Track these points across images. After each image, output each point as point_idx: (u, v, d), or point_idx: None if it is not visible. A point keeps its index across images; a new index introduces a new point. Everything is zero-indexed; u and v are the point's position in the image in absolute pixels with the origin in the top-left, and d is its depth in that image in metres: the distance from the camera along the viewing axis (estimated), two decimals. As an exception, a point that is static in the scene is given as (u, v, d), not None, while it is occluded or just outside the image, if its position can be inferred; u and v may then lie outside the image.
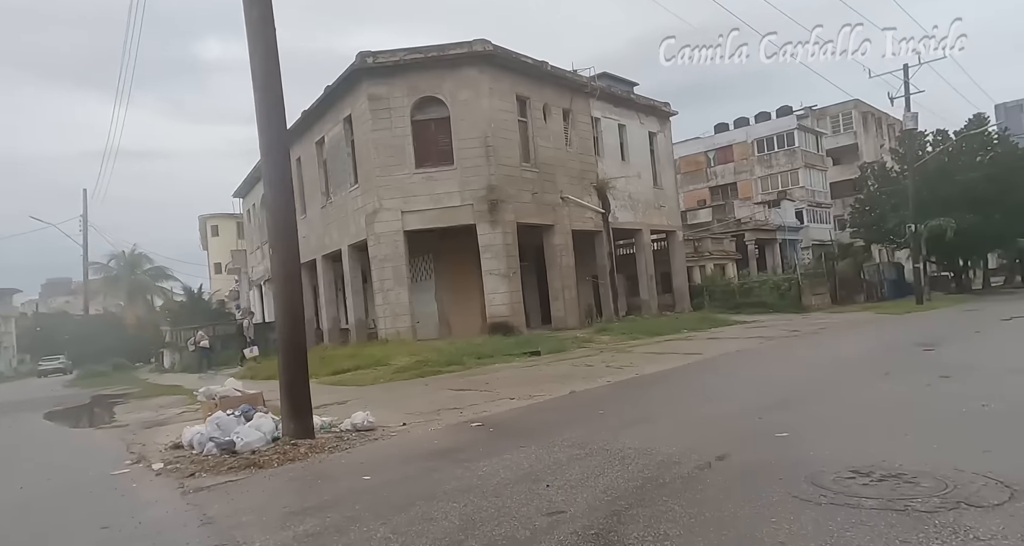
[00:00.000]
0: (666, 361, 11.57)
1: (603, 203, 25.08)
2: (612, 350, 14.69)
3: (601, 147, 25.66)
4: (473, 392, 9.24)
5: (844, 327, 16.96)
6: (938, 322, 16.10)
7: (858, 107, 45.22)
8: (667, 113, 29.15)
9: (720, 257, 33.39)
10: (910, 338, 12.07)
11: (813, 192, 42.91)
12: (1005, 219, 30.35)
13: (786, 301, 27.49)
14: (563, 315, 23.02)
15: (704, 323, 21.33)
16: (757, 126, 43.33)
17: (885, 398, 6.08)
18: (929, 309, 23.13)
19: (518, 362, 13.57)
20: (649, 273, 27.76)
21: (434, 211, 20.33)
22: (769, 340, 14.45)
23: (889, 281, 34.55)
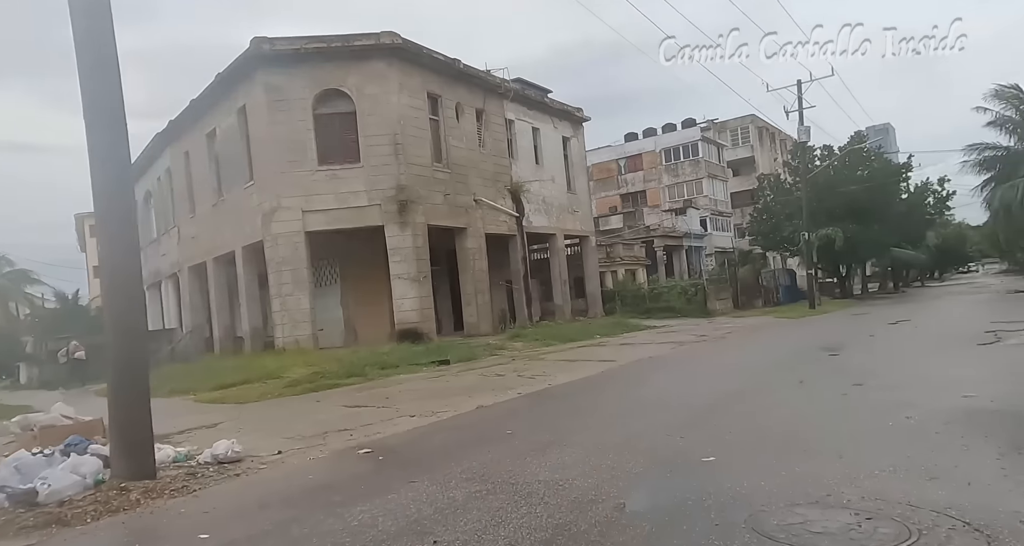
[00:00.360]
0: (579, 369, 11.02)
1: (517, 206, 24.54)
2: (525, 358, 14.04)
3: (515, 150, 25.14)
4: (370, 409, 8.23)
5: (749, 332, 17.21)
6: (833, 326, 16.62)
7: (754, 122, 47.59)
8: (580, 118, 29.12)
9: (631, 263, 33.81)
10: (813, 342, 12.18)
11: (716, 201, 44.61)
12: (882, 229, 32.63)
13: (693, 306, 28.08)
14: (476, 321, 22.22)
15: (617, 328, 21.20)
16: (664, 136, 44.59)
17: (806, 411, 5.69)
18: (821, 313, 24.23)
19: (425, 372, 12.62)
20: (563, 278, 27.51)
21: (339, 211, 18.97)
22: (680, 345, 14.31)
23: (784, 287, 36.31)
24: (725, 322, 22.83)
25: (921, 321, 15.44)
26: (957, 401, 5.38)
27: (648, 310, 28.29)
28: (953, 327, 13.20)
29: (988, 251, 72.58)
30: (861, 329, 14.59)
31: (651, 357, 12.25)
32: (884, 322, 15.83)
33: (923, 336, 11.85)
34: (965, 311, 18.30)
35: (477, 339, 19.63)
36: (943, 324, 14.35)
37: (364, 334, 21.22)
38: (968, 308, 19.71)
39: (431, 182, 20.48)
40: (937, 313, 18.37)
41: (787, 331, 16.56)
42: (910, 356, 8.95)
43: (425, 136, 20.42)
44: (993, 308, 18.71)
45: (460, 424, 6.78)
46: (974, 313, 16.72)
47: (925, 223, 35.02)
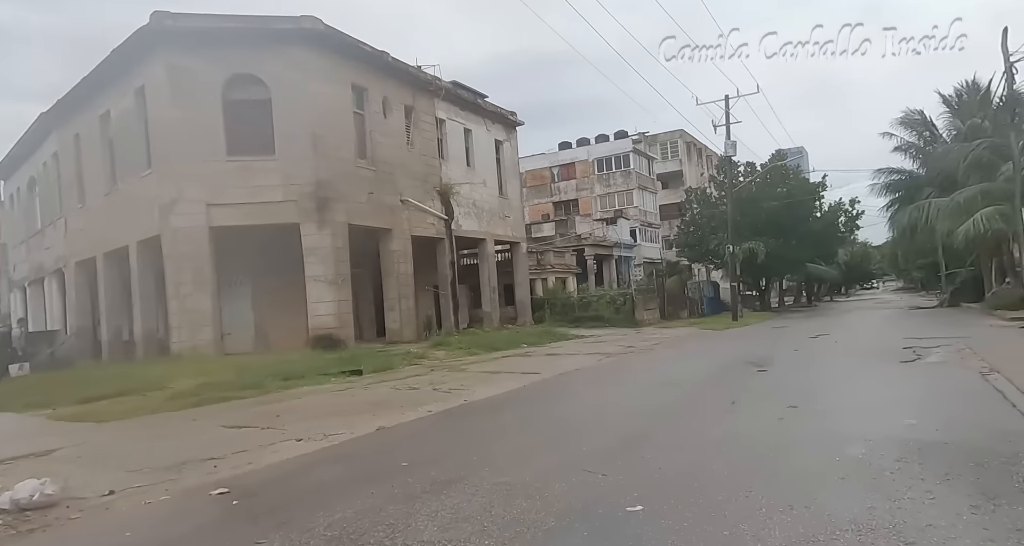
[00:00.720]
0: (500, 382, 10.14)
1: (446, 209, 23.54)
2: (445, 368, 13.04)
3: (445, 150, 24.16)
4: (254, 430, 7.02)
5: (675, 343, 16.90)
6: (757, 339, 16.54)
7: (683, 137, 48.63)
8: (514, 122, 28.48)
9: (562, 270, 33.42)
10: (740, 356, 11.84)
11: (645, 212, 45.13)
12: (799, 245, 33.76)
13: (621, 316, 27.89)
14: (399, 327, 21.03)
15: (544, 337, 20.53)
16: (597, 146, 44.78)
17: (743, 440, 5.02)
18: (743, 325, 24.51)
19: (334, 383, 11.39)
20: (492, 284, 26.67)
21: (250, 206, 17.38)
22: (607, 357, 13.71)
23: (708, 298, 36.95)
24: (652, 332, 22.63)
25: (839, 335, 15.54)
26: (901, 430, 4.86)
27: (577, 319, 27.90)
28: (871, 342, 13.23)
29: (887, 269, 77.64)
30: (784, 343, 14.48)
31: (577, 370, 11.54)
32: (805, 336, 15.86)
33: (845, 351, 11.72)
34: (877, 326, 18.75)
35: (399, 347, 18.48)
36: (860, 339, 14.44)
37: (277, 340, 19.63)
38: (879, 323, 20.29)
39: (354, 179, 19.20)
40: (851, 328, 18.73)
41: (713, 343, 16.34)
42: (839, 373, 8.61)
43: (348, 130, 19.14)
44: (901, 324, 19.28)
45: (350, 452, 5.73)
46: (886, 328, 17.08)
47: (837, 240, 36.61)
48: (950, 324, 16.65)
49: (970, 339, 12.12)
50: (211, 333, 16.95)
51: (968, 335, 12.94)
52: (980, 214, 17.99)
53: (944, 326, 15.98)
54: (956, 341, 11.60)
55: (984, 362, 8.29)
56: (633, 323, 27.21)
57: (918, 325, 17.20)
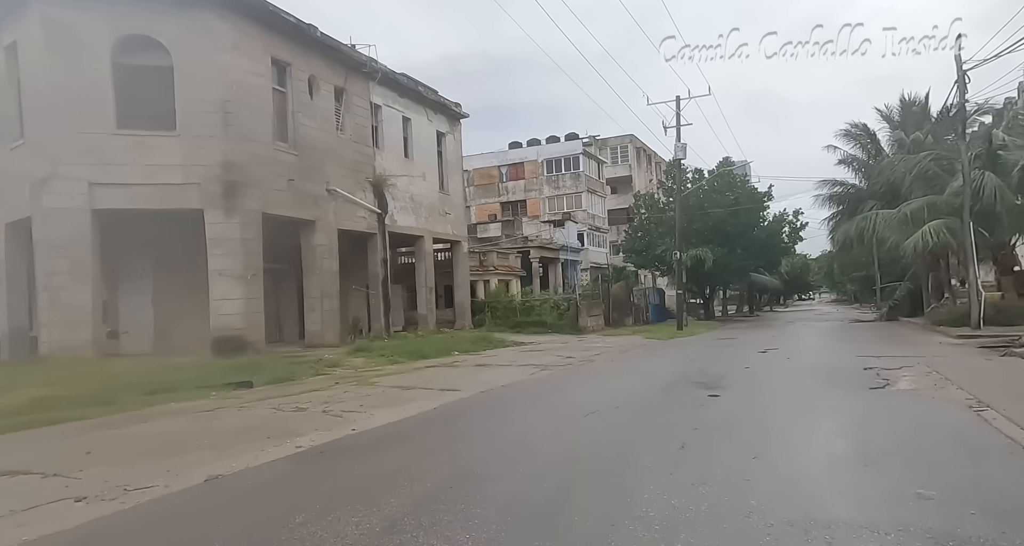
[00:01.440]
0: (409, 403, 8.39)
1: (380, 202, 21.58)
2: (355, 380, 11.15)
3: (381, 139, 22.19)
4: (31, 479, 5.01)
5: (618, 354, 15.50)
6: (704, 352, 15.33)
7: (633, 142, 47.97)
8: (458, 114, 26.72)
9: (505, 273, 31.82)
10: (687, 372, 10.47)
11: (594, 216, 44.11)
12: (744, 254, 33.27)
13: (564, 321, 26.51)
14: (320, 330, 18.95)
15: (479, 344, 18.85)
16: (547, 147, 43.49)
17: (701, 520, 3.44)
18: (689, 334, 23.47)
19: (211, 399, 9.37)
20: (429, 285, 24.80)
21: (144, 188, 15.06)
22: (542, 370, 12.13)
23: (654, 306, 36.11)
24: (595, 341, 21.27)
25: (789, 350, 14.47)
26: (919, 512, 3.39)
27: (519, 324, 26.36)
28: (825, 360, 12.11)
29: (822, 281, 79.67)
30: (734, 358, 13.26)
31: (503, 386, 9.88)
32: (754, 350, 14.74)
33: (801, 371, 10.48)
34: (824, 340, 17.90)
35: (316, 351, 16.47)
36: (812, 355, 13.35)
37: (182, 341, 17.29)
38: (825, 336, 19.51)
39: (271, 163, 17.06)
40: (799, 341, 17.81)
41: (658, 355, 15.01)
42: (803, 403, 7.25)
43: (266, 108, 16.98)
44: (847, 338, 18.51)
45: (134, 525, 3.88)
46: (834, 343, 16.17)
47: (781, 250, 36.41)
48: (898, 340, 15.87)
49: (927, 359, 11.14)
50: (89, 332, 14.49)
51: (922, 354, 11.98)
52: (928, 227, 17.39)
53: (893, 343, 15.16)
54: (916, 362, 10.55)
55: (964, 391, 7.09)
56: (576, 330, 25.87)
57: (866, 340, 16.37)
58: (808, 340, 17.90)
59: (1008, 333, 14.83)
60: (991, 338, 14.16)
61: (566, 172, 42.91)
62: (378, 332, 21.16)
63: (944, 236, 17.08)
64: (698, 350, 15.75)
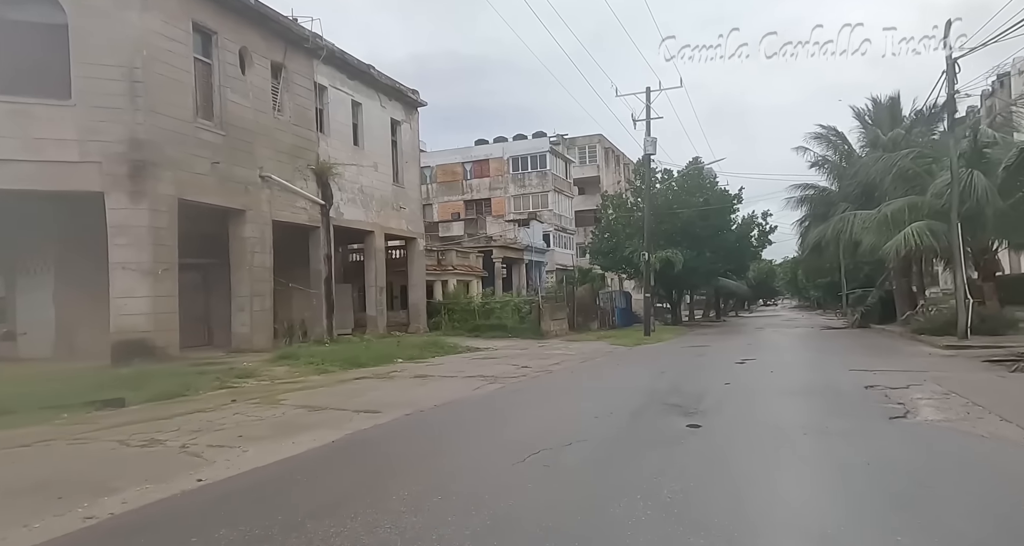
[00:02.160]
0: (306, 431, 6.45)
1: (323, 192, 19.48)
2: (258, 397, 9.13)
3: (327, 124, 20.10)
4: None
5: (580, 364, 13.76)
6: (675, 362, 13.71)
7: (601, 142, 46.65)
8: (415, 102, 24.74)
9: (465, 273, 29.91)
10: (658, 389, 8.77)
11: (560, 217, 42.57)
12: (713, 256, 32.07)
13: (526, 325, 24.74)
14: (248, 333, 16.80)
15: (429, 350, 16.91)
16: (514, 144, 41.78)
17: None
18: (656, 340, 21.94)
19: (61, 422, 7.28)
20: (380, 285, 22.74)
21: (28, 165, 12.76)
22: (490, 384, 10.29)
23: (620, 309, 34.64)
24: (557, 346, 19.54)
25: (768, 360, 12.93)
26: None
27: (477, 327, 24.51)
28: (817, 375, 10.56)
29: (785, 288, 79.82)
30: (709, 370, 11.64)
31: (436, 407, 8.00)
32: (730, 360, 13.17)
33: (793, 390, 8.86)
34: (803, 349, 16.50)
35: (239, 358, 14.36)
36: (799, 368, 11.81)
37: (84, 344, 15.04)
38: (804, 345, 18.16)
39: (191, 143, 14.88)
40: (776, 350, 16.36)
41: (624, 367, 13.31)
42: (813, 443, 5.52)
43: (186, 80, 14.79)
44: (827, 348, 17.18)
45: None
46: (817, 353, 14.73)
47: (750, 254, 35.38)
48: (884, 351, 14.52)
49: (930, 374, 9.68)
50: (-46, 335, 12.05)
51: (921, 368, 10.54)
52: (911, 228, 16.16)
53: (880, 354, 13.79)
54: (920, 378, 9.06)
55: (1013, 425, 5.52)
56: (538, 334, 24.11)
57: (849, 350, 14.99)
58: (786, 349, 16.48)
59: (1000, 344, 13.60)
60: (984, 350, 12.88)
61: (532, 170, 41.26)
62: (319, 336, 19.05)
63: (928, 239, 15.88)
64: (668, 360, 14.12)
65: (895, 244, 16.41)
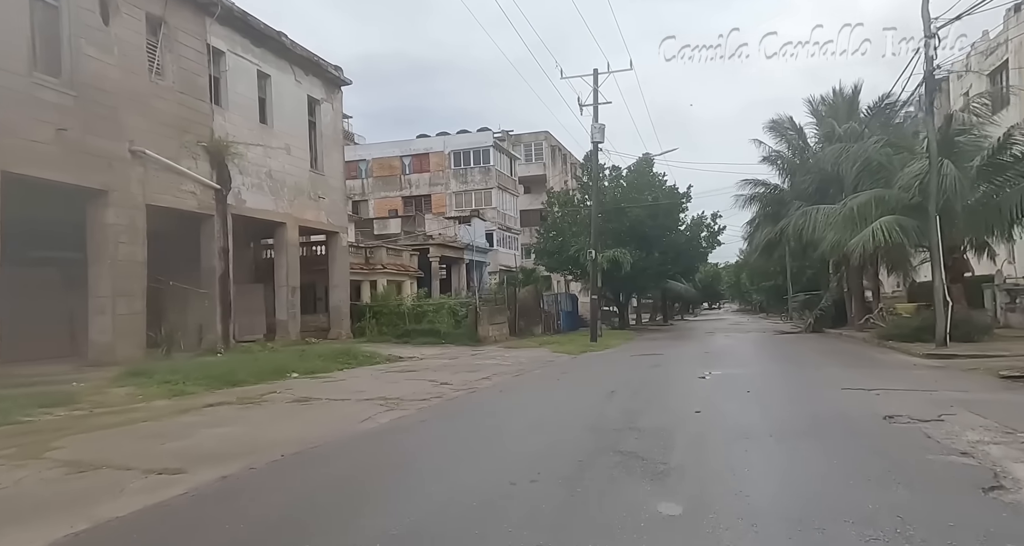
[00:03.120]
0: (21, 523, 3.66)
1: (219, 174, 16.35)
2: (26, 442, 6.16)
3: (225, 95, 16.96)
4: None
5: (513, 380, 11.25)
6: (628, 377, 11.37)
7: (548, 140, 44.62)
8: (338, 79, 21.78)
9: (398, 273, 27.01)
10: (608, 426, 6.34)
11: (505, 215, 40.17)
12: (662, 258, 30.34)
13: (462, 330, 22.12)
14: (111, 341, 13.60)
15: (338, 360, 14.08)
16: (455, 138, 39.12)
17: None
18: (603, 347, 19.70)
19: None
20: (292, 284, 19.65)
21: None
22: (387, 412, 7.64)
23: (565, 313, 32.47)
24: (493, 355, 17.02)
25: (738, 375, 10.75)
26: None
27: (407, 333, 21.74)
28: (804, 396, 8.36)
29: (728, 291, 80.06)
30: (670, 389, 9.36)
31: (282, 459, 5.29)
32: (691, 373, 10.94)
33: (788, 422, 6.59)
34: (772, 359, 14.51)
35: (86, 374, 11.22)
36: (776, 385, 9.61)
37: None
38: (767, 353, 16.25)
39: (25, 102, 11.60)
40: (739, 359, 14.30)
41: (566, 385, 10.87)
42: (847, 518, 3.19)
43: (19, 23, 11.52)
44: (795, 356, 15.30)
45: None
46: (789, 365, 12.68)
47: (699, 256, 33.88)
48: (860, 361, 12.60)
49: (940, 393, 7.65)
50: None
51: (928, 386, 8.51)
52: (880, 223, 14.47)
53: (860, 365, 11.84)
54: (939, 402, 6.97)
55: None
56: (475, 340, 21.55)
57: (822, 361, 13.04)
58: (750, 359, 14.45)
59: (986, 352, 11.91)
60: (973, 360, 11.12)
61: (475, 166, 38.70)
62: (212, 344, 15.89)
63: (897, 235, 14.21)
64: (619, 374, 11.79)
65: (862, 240, 14.67)
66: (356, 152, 40.73)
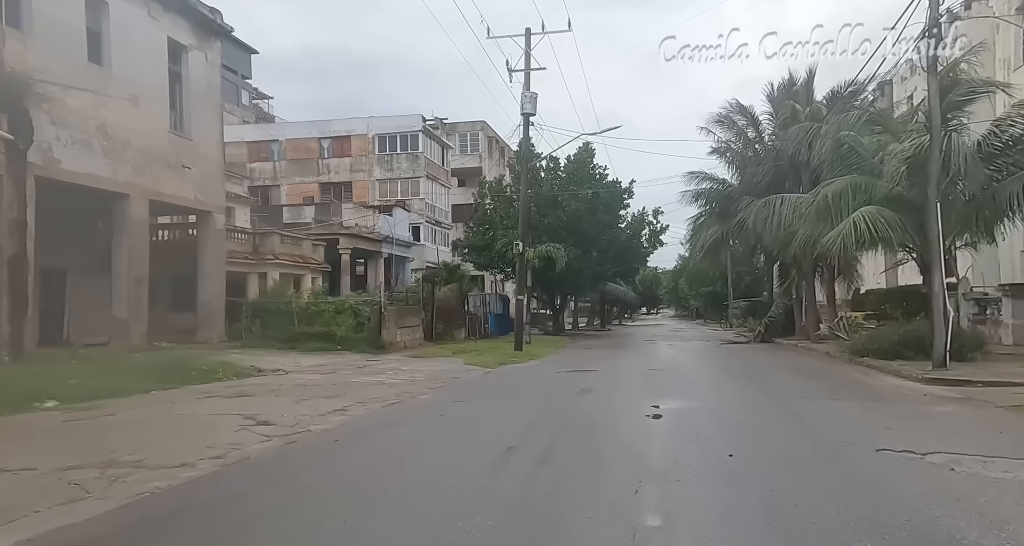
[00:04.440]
0: None
1: (12, 121, 11.88)
2: None
3: (28, 15, 12.44)
4: None
5: (379, 415, 7.53)
6: (548, 413, 7.84)
7: (485, 130, 41.10)
8: (215, 25, 17.40)
9: (295, 265, 22.68)
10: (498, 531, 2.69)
11: (434, 208, 36.29)
12: (601, 257, 27.32)
13: (363, 334, 18.19)
14: None
15: (156, 376, 9.98)
16: (380, 120, 34.93)
17: None
18: (529, 357, 16.22)
19: None
20: (136, 274, 15.19)
21: None
22: (172, 478, 3.74)
23: (495, 315, 28.96)
24: (386, 368, 13.23)
25: (701, 412, 7.43)
26: None
27: (297, 337, 17.69)
28: (825, 464, 5.01)
29: (666, 296, 78.74)
30: (604, 439, 5.94)
31: None
32: (635, 407, 7.52)
33: (803, 526, 3.13)
34: (732, 380, 11.37)
35: None
36: (770, 436, 6.19)
37: None
38: (724, 372, 13.16)
39: None
40: (695, 382, 11.03)
41: (454, 426, 7.21)
42: None
43: None
44: (760, 375, 12.27)
45: None
46: (763, 394, 9.47)
47: (640, 256, 31.08)
48: (852, 389, 9.45)
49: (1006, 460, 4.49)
50: None
51: (1008, 447, 5.38)
52: (860, 214, 11.64)
53: (856, 397, 8.71)
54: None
55: None
56: (378, 346, 17.70)
57: (796, 384, 9.99)
58: (707, 379, 11.23)
59: (1003, 377, 9.11)
60: (994, 388, 8.26)
61: (402, 152, 34.67)
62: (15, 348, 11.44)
63: (883, 228, 11.42)
64: (533, 406, 8.24)
65: (840, 234, 11.79)
66: (268, 132, 35.90)
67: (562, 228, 26.04)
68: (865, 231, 11.53)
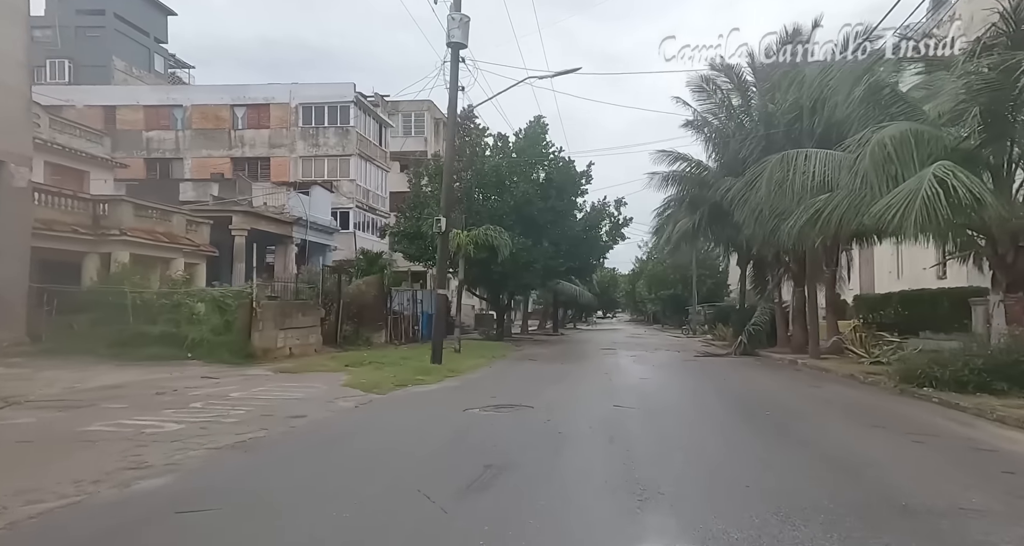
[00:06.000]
0: None
1: None
2: None
3: None
4: None
5: None
6: None
7: (431, 110, 36.15)
8: None
9: (155, 243, 17.13)
10: None
11: (367, 192, 31.12)
12: (554, 249, 22.81)
13: (230, 336, 13.12)
14: None
15: None
16: (307, 87, 29.56)
17: None
18: (444, 376, 11.38)
19: None
20: None
21: None
22: None
23: (429, 316, 24.03)
24: (215, 395, 8.20)
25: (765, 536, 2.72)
26: None
27: (132, 339, 12.53)
28: None
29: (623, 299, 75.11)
30: None
31: None
32: (606, 516, 2.81)
33: None
34: (755, 435, 6.86)
35: None
36: None
37: None
38: (728, 413, 8.69)
39: None
40: (693, 441, 6.48)
41: None
42: None
43: None
44: (784, 418, 7.86)
45: None
46: (820, 447, 4.93)
47: (600, 251, 26.73)
48: (975, 461, 5.20)
49: None
50: None
51: None
52: (941, 167, 7.44)
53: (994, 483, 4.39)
54: None
55: None
56: (245, 354, 12.73)
57: (872, 447, 5.58)
58: (705, 430, 6.58)
59: None
60: None
61: (331, 126, 29.39)
62: None
63: (980, 191, 7.22)
64: (377, 519, 3.43)
65: (904, 202, 7.53)
66: (170, 95, 30.03)
67: (508, 214, 21.46)
68: (962, 194, 7.24)
